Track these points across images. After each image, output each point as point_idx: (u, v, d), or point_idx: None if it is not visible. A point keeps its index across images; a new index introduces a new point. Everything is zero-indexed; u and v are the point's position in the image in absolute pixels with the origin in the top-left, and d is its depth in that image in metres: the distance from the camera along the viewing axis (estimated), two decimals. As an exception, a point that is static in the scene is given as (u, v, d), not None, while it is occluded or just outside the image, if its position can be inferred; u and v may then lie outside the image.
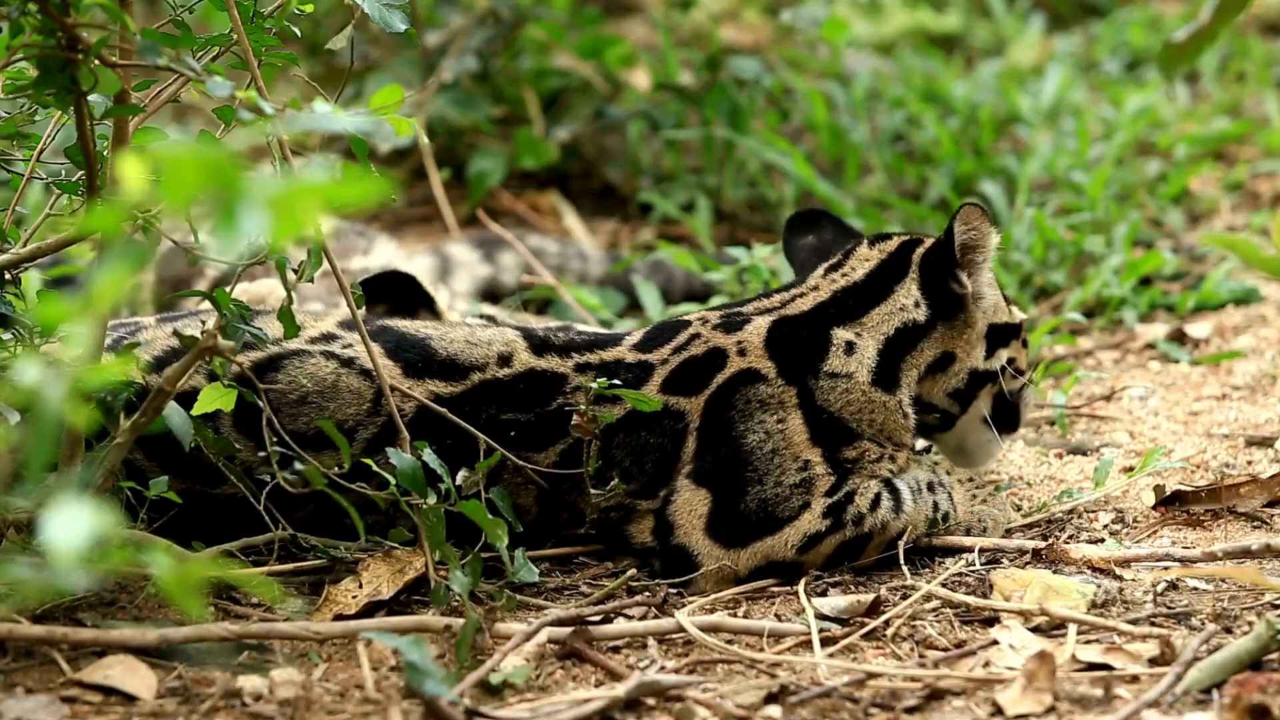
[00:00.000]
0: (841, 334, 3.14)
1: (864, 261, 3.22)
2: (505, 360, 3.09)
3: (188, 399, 2.88)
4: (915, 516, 3.08)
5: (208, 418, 2.92)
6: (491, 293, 4.65)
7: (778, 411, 3.06)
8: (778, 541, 3.02)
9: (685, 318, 3.23)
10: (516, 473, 3.05)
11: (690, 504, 3.04)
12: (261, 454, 2.90)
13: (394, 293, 3.72)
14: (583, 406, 3.01)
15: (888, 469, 3.10)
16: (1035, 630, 2.82)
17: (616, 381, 3.02)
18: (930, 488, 3.14)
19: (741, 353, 3.11)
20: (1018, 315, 3.27)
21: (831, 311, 3.16)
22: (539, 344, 3.12)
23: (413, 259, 4.52)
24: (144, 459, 3.00)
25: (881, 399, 3.11)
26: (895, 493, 3.08)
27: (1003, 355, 3.22)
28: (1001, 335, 3.23)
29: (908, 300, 3.17)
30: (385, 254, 4.34)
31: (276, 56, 2.85)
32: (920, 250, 3.22)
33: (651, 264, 4.72)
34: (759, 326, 3.14)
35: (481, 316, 3.83)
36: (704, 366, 3.10)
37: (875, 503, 3.05)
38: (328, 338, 3.09)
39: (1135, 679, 2.64)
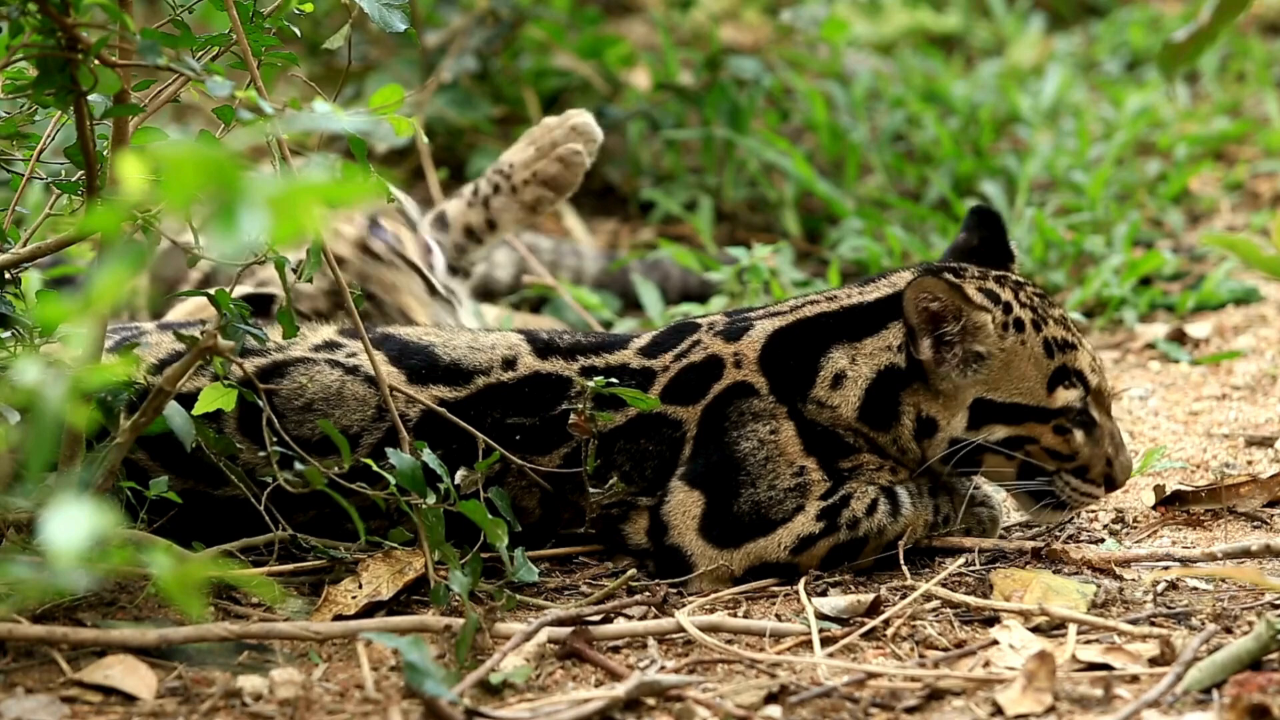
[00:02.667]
0: (836, 358, 3.07)
1: (889, 285, 3.14)
2: (510, 364, 3.09)
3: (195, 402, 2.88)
4: (914, 520, 3.07)
5: (212, 421, 2.92)
6: (485, 288, 4.64)
7: (770, 423, 3.05)
8: (770, 543, 3.02)
9: (697, 320, 3.23)
10: (520, 476, 3.05)
11: (684, 505, 3.04)
12: (261, 454, 2.90)
13: None
14: (580, 407, 3.02)
15: (887, 478, 3.08)
16: (1035, 630, 2.82)
17: (614, 380, 3.02)
18: (932, 491, 3.12)
19: (738, 364, 3.09)
20: (1059, 400, 3.02)
21: (831, 324, 3.10)
22: (543, 347, 3.12)
23: None
24: (148, 459, 3.00)
25: (872, 434, 3.06)
26: (893, 497, 3.06)
27: (998, 431, 3.02)
28: (1001, 413, 3.02)
29: (894, 341, 3.06)
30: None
31: (276, 56, 2.85)
32: None
33: (648, 263, 4.72)
34: (758, 336, 3.11)
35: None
36: (702, 375, 3.09)
37: (872, 507, 3.04)
38: (331, 345, 3.10)
39: (1135, 679, 2.64)
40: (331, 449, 2.89)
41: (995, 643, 2.77)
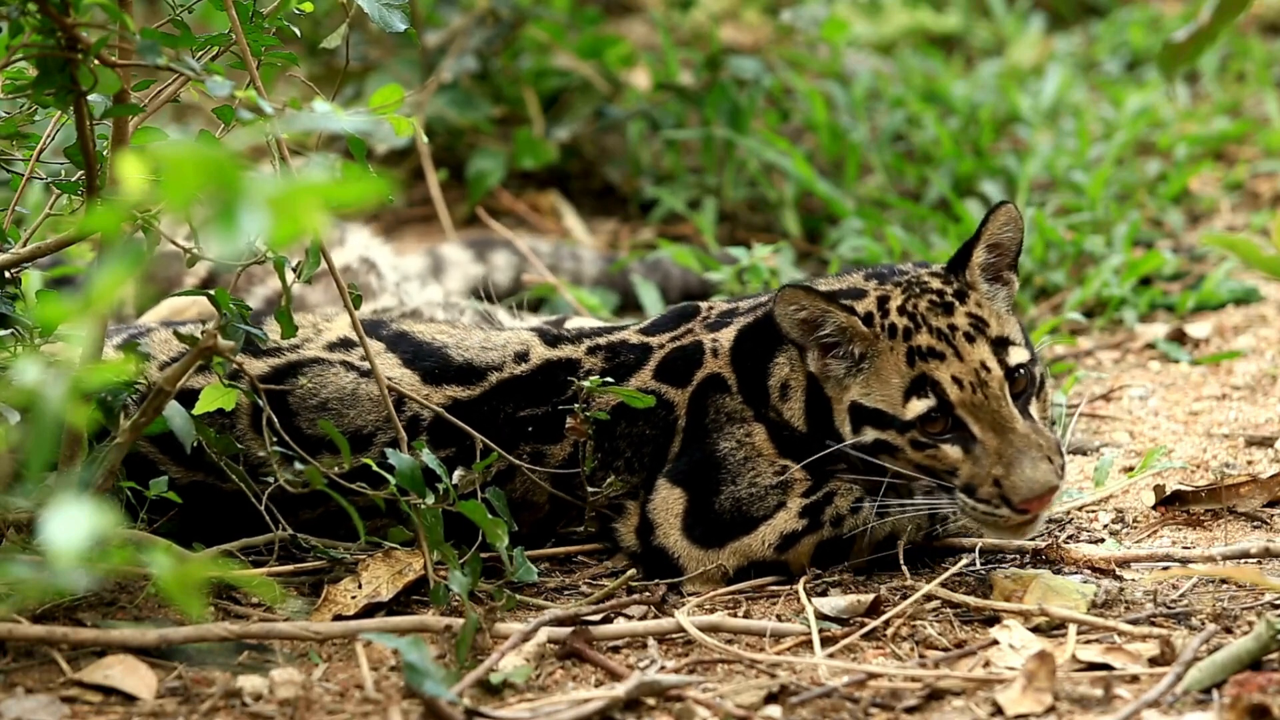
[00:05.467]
0: (779, 364, 3.09)
1: (838, 282, 3.14)
2: (522, 357, 3.13)
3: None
4: (904, 522, 3.06)
5: (225, 418, 2.94)
6: (484, 291, 4.65)
7: (744, 425, 3.08)
8: (754, 540, 3.02)
9: (700, 305, 3.26)
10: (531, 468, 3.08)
11: (666, 503, 3.06)
12: (262, 454, 2.91)
13: None
14: (576, 407, 3.04)
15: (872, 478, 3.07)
16: (1035, 630, 2.82)
17: (609, 380, 3.05)
18: (927, 494, 3.10)
19: (715, 354, 3.13)
20: (911, 411, 2.96)
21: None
22: (553, 339, 3.17)
23: (405, 258, 4.52)
24: (157, 452, 3.02)
25: (828, 451, 3.07)
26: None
27: (869, 433, 3.00)
28: (869, 417, 3.01)
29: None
30: (359, 242, 4.33)
31: (275, 56, 2.85)
32: None
33: (649, 263, 4.72)
34: (734, 328, 3.15)
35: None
36: (688, 359, 3.13)
37: (857, 505, 3.04)
38: (345, 344, 3.11)
39: (1135, 679, 2.64)
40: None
41: (995, 643, 2.77)
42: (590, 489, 3.07)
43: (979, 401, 2.95)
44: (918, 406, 2.97)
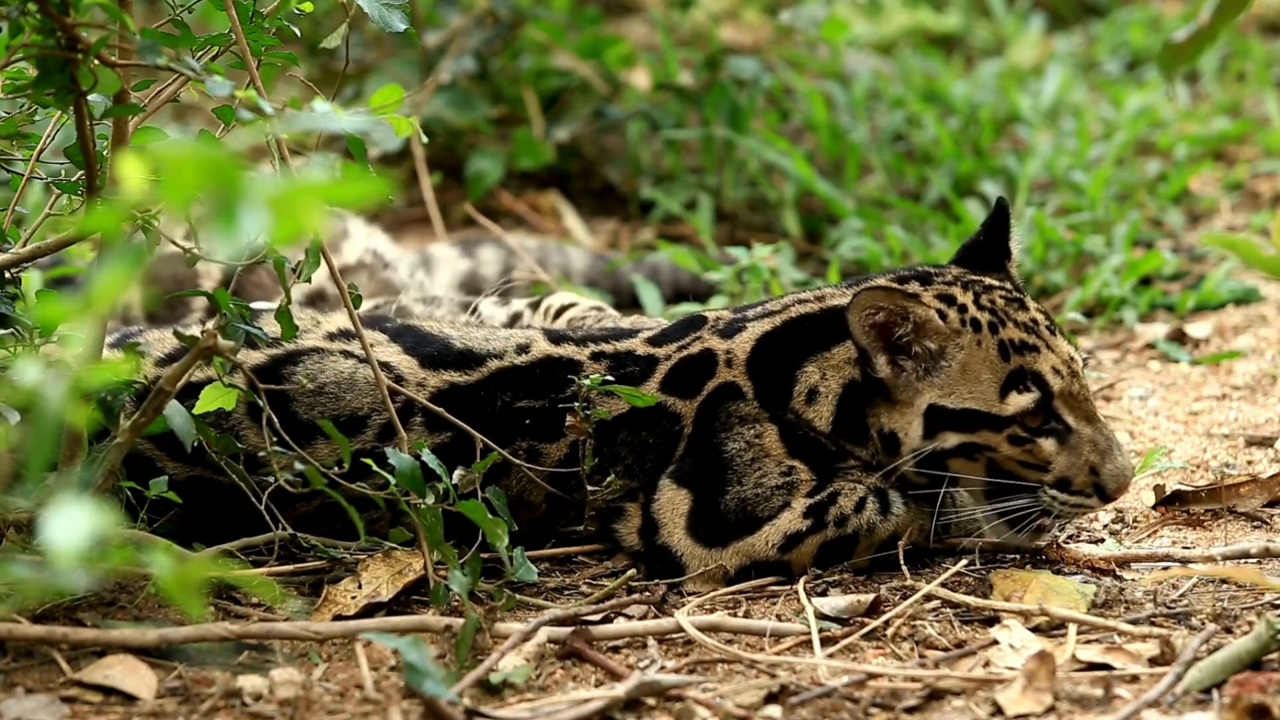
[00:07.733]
0: (808, 372, 3.07)
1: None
2: (523, 349, 3.12)
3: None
4: (907, 522, 3.06)
5: (217, 411, 2.94)
6: (472, 285, 4.65)
7: (755, 426, 3.07)
8: (758, 540, 3.02)
9: (706, 314, 3.25)
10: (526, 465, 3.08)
11: (672, 503, 3.05)
12: (262, 452, 2.91)
13: None
14: (576, 405, 3.04)
15: (876, 480, 3.07)
16: (1035, 630, 2.82)
17: (609, 378, 3.04)
18: (928, 496, 3.10)
19: (729, 363, 3.11)
20: (1012, 406, 2.96)
21: (808, 327, 3.11)
22: (557, 337, 3.17)
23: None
24: (153, 449, 3.03)
25: (850, 447, 3.07)
26: (883, 496, 3.05)
27: (950, 438, 2.97)
28: (954, 420, 2.98)
29: (855, 353, 3.04)
30: (359, 236, 4.33)
31: (275, 56, 2.85)
32: None
33: (640, 261, 4.72)
34: (749, 337, 3.13)
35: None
36: (698, 370, 3.11)
37: (860, 505, 3.03)
38: (346, 335, 3.12)
39: (1135, 679, 2.64)
40: (340, 433, 2.91)
41: (995, 643, 2.77)
42: (590, 489, 3.06)
43: (1076, 391, 2.99)
44: (1020, 401, 2.96)
